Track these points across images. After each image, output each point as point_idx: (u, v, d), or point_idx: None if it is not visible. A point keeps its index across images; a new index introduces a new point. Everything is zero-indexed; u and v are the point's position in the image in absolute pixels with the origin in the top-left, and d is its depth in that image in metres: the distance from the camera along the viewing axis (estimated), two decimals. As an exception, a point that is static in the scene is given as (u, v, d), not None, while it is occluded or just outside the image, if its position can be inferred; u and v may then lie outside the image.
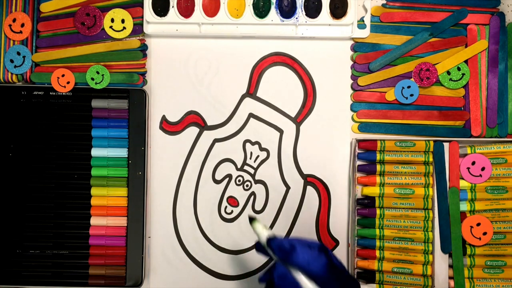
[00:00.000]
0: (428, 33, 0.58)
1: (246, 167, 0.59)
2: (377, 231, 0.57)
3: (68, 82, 0.57)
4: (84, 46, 0.58)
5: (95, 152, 0.58)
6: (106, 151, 0.58)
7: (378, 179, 0.57)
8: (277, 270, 0.42)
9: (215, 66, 0.60)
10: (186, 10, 0.58)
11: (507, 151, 0.57)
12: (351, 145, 0.59)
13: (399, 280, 0.57)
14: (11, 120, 0.58)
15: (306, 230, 0.59)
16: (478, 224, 0.57)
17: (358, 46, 0.59)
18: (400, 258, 0.57)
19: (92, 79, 0.57)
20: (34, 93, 0.58)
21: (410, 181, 0.57)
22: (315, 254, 0.42)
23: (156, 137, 0.60)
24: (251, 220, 0.45)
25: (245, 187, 0.59)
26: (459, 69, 0.58)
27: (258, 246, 0.46)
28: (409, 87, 0.58)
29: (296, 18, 0.58)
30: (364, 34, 0.59)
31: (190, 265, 0.59)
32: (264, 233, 0.44)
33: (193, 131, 0.60)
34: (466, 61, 0.59)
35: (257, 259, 0.59)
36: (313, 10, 0.58)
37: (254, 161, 0.59)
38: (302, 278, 0.42)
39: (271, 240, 0.43)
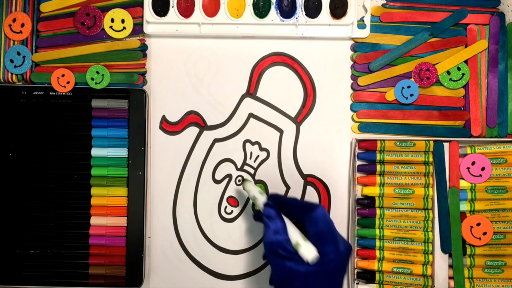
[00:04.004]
0: (428, 33, 0.58)
1: (246, 167, 0.59)
2: (377, 231, 0.57)
3: (68, 82, 0.57)
4: (84, 46, 0.58)
5: (95, 152, 0.58)
6: (106, 151, 0.58)
7: (378, 179, 0.57)
8: (266, 211, 0.47)
9: (215, 66, 0.60)
10: (186, 10, 0.58)
11: (507, 151, 0.57)
12: (351, 145, 0.59)
13: (399, 280, 0.57)
14: (11, 120, 0.58)
15: (306, 230, 0.59)
16: (478, 224, 0.57)
17: (358, 46, 0.59)
18: (400, 258, 0.57)
19: (92, 79, 0.57)
20: (34, 93, 0.58)
21: (410, 181, 0.57)
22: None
23: (156, 137, 0.60)
24: (244, 181, 0.50)
25: (245, 187, 0.59)
26: (459, 69, 0.58)
27: (256, 215, 0.52)
28: (409, 87, 0.58)
29: (296, 18, 0.58)
30: (364, 34, 0.59)
31: (190, 265, 0.59)
32: (255, 191, 0.50)
33: (193, 131, 0.60)
34: (466, 61, 0.59)
35: (257, 259, 0.59)
36: (313, 10, 0.58)
37: (254, 161, 0.59)
38: (288, 221, 0.46)
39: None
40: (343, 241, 0.44)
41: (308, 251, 0.43)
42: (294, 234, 0.45)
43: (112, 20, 0.58)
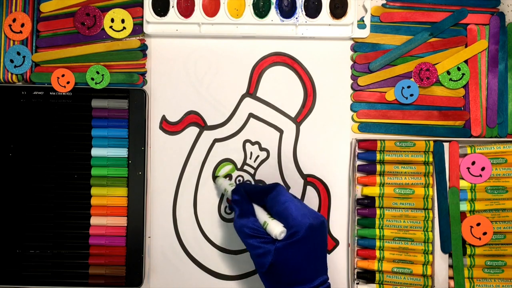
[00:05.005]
0: (428, 33, 0.58)
1: (246, 167, 0.59)
2: (377, 231, 0.57)
3: (68, 82, 0.57)
4: (84, 46, 0.58)
5: (95, 152, 0.58)
6: (106, 151, 0.58)
7: (378, 179, 0.57)
8: (233, 197, 0.50)
9: (215, 66, 0.60)
10: (186, 10, 0.58)
11: (507, 151, 0.57)
12: (351, 145, 0.59)
13: (399, 280, 0.57)
14: (11, 120, 0.58)
15: (306, 230, 0.59)
16: (478, 224, 0.57)
17: (358, 46, 0.59)
18: (400, 258, 0.57)
19: (92, 79, 0.57)
20: (34, 93, 0.58)
21: (410, 181, 0.57)
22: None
23: (156, 137, 0.60)
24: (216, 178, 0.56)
25: (245, 187, 0.59)
26: (459, 69, 0.58)
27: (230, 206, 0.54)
28: (409, 87, 0.58)
29: (296, 18, 0.58)
30: (364, 34, 0.59)
31: (190, 265, 0.59)
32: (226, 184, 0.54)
33: (193, 131, 0.60)
34: (466, 61, 0.59)
35: (257, 259, 0.59)
36: (313, 10, 0.58)
37: (254, 161, 0.59)
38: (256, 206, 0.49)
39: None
40: (312, 215, 0.45)
41: (275, 227, 0.45)
42: (261, 215, 0.48)
43: (112, 20, 0.58)
